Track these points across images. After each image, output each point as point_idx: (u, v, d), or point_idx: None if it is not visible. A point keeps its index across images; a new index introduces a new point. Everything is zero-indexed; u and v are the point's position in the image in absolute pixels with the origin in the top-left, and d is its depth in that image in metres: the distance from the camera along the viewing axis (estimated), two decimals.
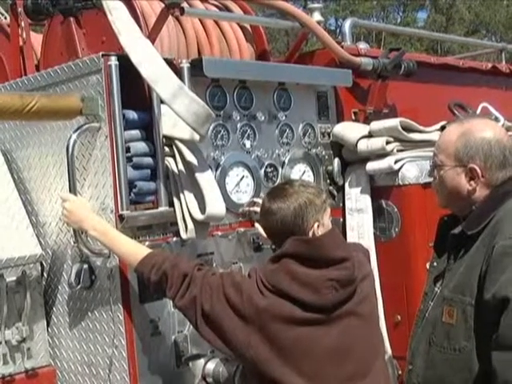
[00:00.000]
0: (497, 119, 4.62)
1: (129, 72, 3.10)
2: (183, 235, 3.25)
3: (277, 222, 2.83)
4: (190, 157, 3.21)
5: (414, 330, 2.93)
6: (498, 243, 2.53)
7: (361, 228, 3.97)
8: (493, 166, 2.66)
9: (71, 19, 3.71)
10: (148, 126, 3.23)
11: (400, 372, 3.82)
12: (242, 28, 4.06)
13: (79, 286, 3.25)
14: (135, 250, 3.02)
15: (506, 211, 2.64)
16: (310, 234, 2.82)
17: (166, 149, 3.26)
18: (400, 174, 3.90)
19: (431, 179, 2.90)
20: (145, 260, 2.94)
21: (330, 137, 4.08)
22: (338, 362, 2.77)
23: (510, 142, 2.72)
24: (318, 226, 2.84)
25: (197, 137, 3.17)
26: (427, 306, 2.85)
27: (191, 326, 3.18)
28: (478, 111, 4.63)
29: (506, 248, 2.50)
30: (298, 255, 2.74)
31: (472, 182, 2.69)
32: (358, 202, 4.01)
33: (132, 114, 3.19)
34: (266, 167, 3.73)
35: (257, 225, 3.47)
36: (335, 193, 4.07)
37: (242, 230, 3.56)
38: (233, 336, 2.74)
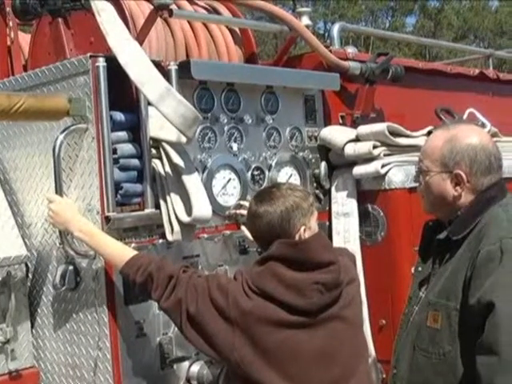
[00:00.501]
0: (483, 125, 4.65)
1: (116, 73, 3.09)
2: (169, 237, 3.24)
3: (263, 226, 2.84)
4: (177, 159, 3.20)
5: (398, 335, 2.94)
6: (482, 248, 2.55)
7: (347, 232, 3.97)
8: (478, 171, 2.68)
9: (59, 20, 3.70)
10: (135, 128, 3.22)
11: (384, 376, 3.83)
12: (231, 31, 4.06)
13: (64, 288, 3.23)
14: (121, 252, 3.01)
15: (490, 217, 2.66)
16: (297, 237, 2.83)
17: (153, 151, 3.25)
18: (386, 178, 3.91)
19: (417, 184, 2.92)
20: (130, 262, 2.94)
21: (317, 140, 4.09)
22: (323, 365, 2.77)
23: (495, 148, 2.74)
24: (305, 230, 2.85)
25: (184, 139, 3.17)
26: (412, 310, 2.86)
27: (176, 329, 3.17)
28: (465, 117, 4.65)
29: (491, 253, 2.52)
30: (285, 258, 2.74)
31: (457, 188, 2.71)
32: (344, 205, 4.01)
33: (119, 116, 3.18)
34: (253, 170, 3.73)
35: (243, 227, 3.48)
36: (322, 196, 4.08)
37: (228, 232, 3.56)
38: (218, 338, 2.74)
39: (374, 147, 3.91)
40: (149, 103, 3.15)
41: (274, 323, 2.71)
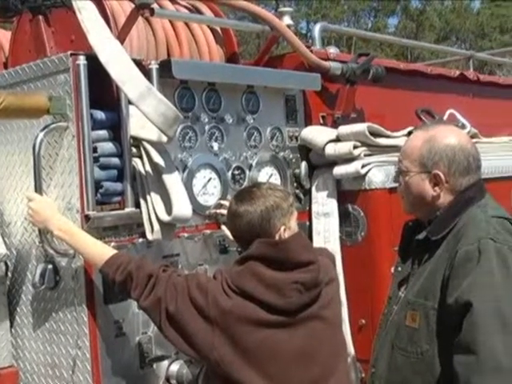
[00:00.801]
0: (463, 126, 4.68)
1: (97, 72, 3.08)
2: (149, 236, 3.24)
3: (243, 225, 2.84)
4: (158, 158, 3.20)
5: (377, 334, 2.96)
6: (461, 248, 2.57)
7: (327, 232, 3.98)
8: (456, 172, 2.70)
9: (40, 17, 3.68)
10: (116, 127, 3.22)
11: (363, 375, 3.84)
12: (213, 30, 4.06)
13: (43, 287, 3.22)
14: (101, 251, 3.00)
15: (469, 217, 2.68)
16: (277, 237, 2.84)
17: (134, 149, 3.25)
18: (367, 178, 3.93)
19: (397, 184, 2.93)
20: (110, 261, 2.93)
21: (297, 140, 4.10)
22: (303, 365, 2.78)
23: (474, 149, 2.77)
24: (285, 230, 2.86)
25: (164, 138, 3.16)
26: (391, 310, 2.88)
27: (155, 328, 3.17)
28: (445, 118, 4.67)
29: (469, 253, 2.54)
30: (264, 257, 2.75)
31: (436, 188, 2.73)
32: (324, 205, 4.02)
33: (100, 114, 3.17)
34: (234, 170, 3.73)
35: (223, 227, 3.48)
36: (302, 196, 4.09)
37: (208, 231, 3.56)
38: (197, 337, 2.74)
39: (355, 147, 3.92)
40: (129, 102, 3.14)
41: (254, 322, 2.71)
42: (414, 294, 2.72)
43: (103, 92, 3.21)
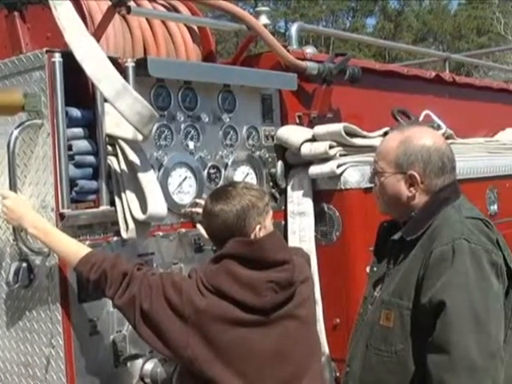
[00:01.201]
0: (439, 127, 4.71)
1: (73, 69, 3.07)
2: (124, 235, 3.23)
3: (219, 224, 2.85)
4: (133, 156, 3.19)
5: (352, 333, 2.98)
6: (435, 249, 2.60)
7: (302, 231, 3.99)
8: (432, 172, 2.73)
9: (16, 13, 3.67)
10: (91, 125, 3.20)
11: (338, 374, 3.85)
12: (189, 29, 4.05)
13: (17, 285, 3.20)
14: (75, 249, 2.99)
15: (444, 218, 2.71)
16: (252, 236, 2.85)
17: (109, 148, 3.23)
18: (342, 178, 3.93)
19: (372, 185, 2.95)
20: (84, 259, 2.92)
21: (273, 140, 4.09)
22: (277, 364, 2.79)
23: (449, 150, 2.79)
24: (260, 229, 2.87)
25: (140, 137, 3.16)
26: (366, 309, 2.90)
27: (130, 326, 3.16)
28: (421, 118, 4.70)
29: (443, 253, 2.58)
30: (239, 256, 2.75)
31: (412, 189, 2.76)
32: (300, 205, 4.03)
33: (75, 112, 3.16)
34: (209, 168, 3.72)
35: (199, 226, 3.48)
36: (278, 196, 4.08)
37: (183, 230, 3.56)
38: (171, 336, 2.74)
39: (331, 147, 3.93)
40: (105, 100, 3.13)
41: (228, 321, 2.72)
42: (388, 294, 2.74)
43: (79, 89, 3.19)
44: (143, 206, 3.18)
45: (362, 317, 2.93)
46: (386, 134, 3.86)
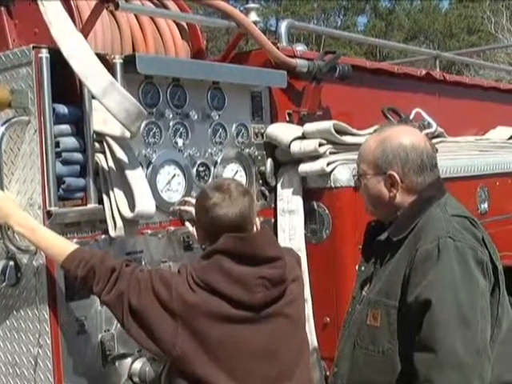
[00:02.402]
0: (429, 125, 4.71)
1: (60, 65, 3.05)
2: (112, 233, 3.21)
3: (224, 225, 2.80)
4: (121, 154, 3.17)
5: (341, 333, 2.98)
6: (421, 247, 2.61)
7: (292, 229, 3.98)
8: (411, 171, 2.74)
9: (2, 9, 3.65)
10: (78, 121, 3.18)
11: (327, 373, 3.85)
12: (179, 26, 4.04)
13: (4, 284, 3.17)
14: (62, 247, 2.96)
15: (429, 217, 2.72)
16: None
17: (97, 145, 3.21)
18: (332, 176, 3.92)
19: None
20: (71, 256, 2.90)
21: (263, 137, 4.08)
22: (266, 361, 2.78)
23: (428, 147, 2.80)
24: (252, 227, 2.89)
25: (128, 134, 3.14)
26: (354, 309, 2.90)
27: (118, 325, 3.14)
28: (412, 117, 4.69)
29: (429, 252, 2.58)
30: (231, 252, 2.75)
31: (392, 189, 2.77)
32: (289, 203, 4.01)
33: (62, 109, 3.13)
34: (198, 166, 3.70)
35: (187, 224, 3.46)
36: (267, 193, 4.07)
37: (172, 228, 3.54)
38: (160, 332, 2.72)
39: (320, 145, 3.92)
40: (93, 97, 3.10)
41: (218, 317, 2.71)
42: (375, 293, 2.75)
43: (66, 86, 3.18)
44: (131, 204, 3.16)
45: (350, 316, 2.93)
46: (375, 131, 3.85)
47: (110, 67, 3.18)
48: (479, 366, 2.47)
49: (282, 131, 4.04)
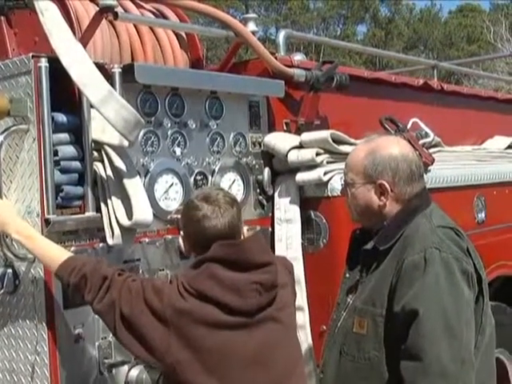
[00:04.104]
0: (427, 134, 4.72)
1: (59, 74, 3.06)
2: (110, 241, 3.22)
3: (212, 235, 2.81)
4: (119, 162, 3.18)
5: (326, 339, 3.02)
6: (407, 258, 2.67)
7: (289, 238, 3.98)
8: (401, 180, 2.79)
9: (2, 18, 3.67)
10: (77, 130, 3.19)
11: None
12: (177, 35, 4.06)
13: (2, 291, 3.18)
14: (57, 255, 2.96)
15: (415, 227, 2.78)
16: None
17: (95, 153, 3.22)
18: (329, 185, 3.93)
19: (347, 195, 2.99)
20: (65, 264, 2.90)
21: (260, 146, 4.09)
22: (260, 368, 2.78)
23: (416, 157, 2.87)
24: (240, 235, 2.92)
25: (126, 142, 3.15)
26: (340, 316, 2.95)
27: None
28: (409, 126, 4.70)
29: (415, 262, 2.64)
30: (222, 259, 2.75)
31: (382, 198, 2.82)
32: (286, 212, 4.02)
33: (61, 117, 3.15)
34: (196, 175, 3.71)
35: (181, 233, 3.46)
36: (265, 202, 4.08)
37: (169, 237, 3.54)
38: (153, 340, 2.71)
39: (318, 154, 3.93)
40: (91, 105, 3.12)
41: (211, 324, 2.71)
42: (361, 301, 2.80)
43: (65, 95, 3.19)
44: (129, 213, 3.17)
45: (336, 323, 2.97)
46: (363, 141, 3.87)
47: (108, 76, 3.19)
48: (464, 374, 2.52)
49: (280, 140, 4.05)
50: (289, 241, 3.99)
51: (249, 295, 2.75)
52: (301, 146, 3.99)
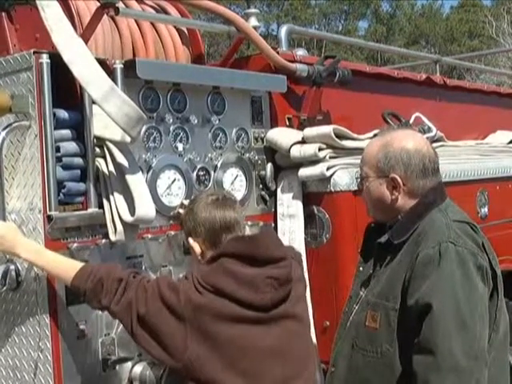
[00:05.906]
0: (429, 129, 4.71)
1: (61, 70, 3.05)
2: (112, 237, 3.21)
3: (221, 226, 2.90)
4: (121, 158, 3.18)
5: (338, 333, 3.00)
6: (421, 252, 2.63)
7: (292, 234, 3.98)
8: (413, 174, 2.76)
9: (3, 14, 3.66)
10: (79, 126, 3.19)
11: None
12: (179, 31, 4.05)
13: (5, 288, 3.16)
14: (71, 265, 2.96)
15: (430, 221, 2.74)
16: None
17: (97, 149, 3.22)
18: (332, 180, 3.92)
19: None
20: (79, 273, 2.89)
21: (263, 142, 4.08)
22: (276, 362, 2.79)
23: (431, 151, 2.83)
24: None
25: (128, 138, 3.15)
26: (352, 309, 2.93)
27: (118, 329, 3.16)
28: (411, 121, 4.70)
29: (430, 256, 2.61)
30: (237, 254, 2.77)
31: (395, 192, 2.79)
32: (289, 207, 4.02)
33: (63, 113, 3.14)
34: (198, 171, 3.71)
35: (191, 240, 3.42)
36: (267, 198, 4.07)
37: (172, 232, 3.54)
38: (169, 338, 2.71)
39: (320, 149, 3.92)
40: (93, 101, 3.11)
41: (228, 318, 2.71)
42: (374, 295, 2.77)
43: (67, 91, 3.18)
44: (131, 209, 3.17)
45: (347, 316, 2.96)
46: (375, 136, 3.86)
47: (110, 72, 3.18)
48: (476, 370, 2.50)
49: (282, 136, 4.04)
50: (292, 236, 3.98)
51: (264, 290, 2.75)
52: (303, 142, 3.99)
